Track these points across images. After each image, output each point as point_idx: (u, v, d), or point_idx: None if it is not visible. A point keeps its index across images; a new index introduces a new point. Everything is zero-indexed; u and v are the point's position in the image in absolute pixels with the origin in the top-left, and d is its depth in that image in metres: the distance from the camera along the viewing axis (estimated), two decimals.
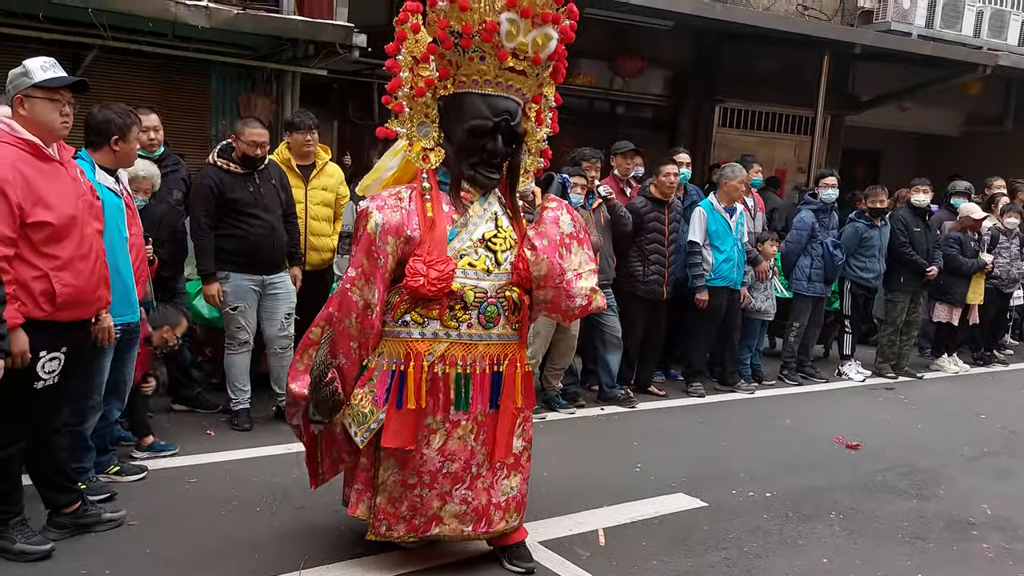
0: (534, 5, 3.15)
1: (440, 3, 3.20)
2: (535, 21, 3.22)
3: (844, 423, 6.61)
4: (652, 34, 10.68)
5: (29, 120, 3.47)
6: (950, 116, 14.94)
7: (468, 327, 3.26)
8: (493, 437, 3.31)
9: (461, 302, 3.23)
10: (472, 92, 3.28)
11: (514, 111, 3.27)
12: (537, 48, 3.23)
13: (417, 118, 3.38)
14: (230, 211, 5.38)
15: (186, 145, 7.84)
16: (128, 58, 7.53)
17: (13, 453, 3.52)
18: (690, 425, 6.36)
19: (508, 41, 3.18)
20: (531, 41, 3.21)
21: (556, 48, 3.28)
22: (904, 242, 8.22)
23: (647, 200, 6.88)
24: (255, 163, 5.39)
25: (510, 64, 3.26)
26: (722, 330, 7.37)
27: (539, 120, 3.52)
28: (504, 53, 3.20)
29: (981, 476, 5.59)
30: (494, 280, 3.29)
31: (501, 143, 3.27)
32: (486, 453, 3.34)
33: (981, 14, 12.94)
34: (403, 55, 3.35)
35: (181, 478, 4.60)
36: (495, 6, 3.15)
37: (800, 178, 12.70)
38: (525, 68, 3.27)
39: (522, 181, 3.51)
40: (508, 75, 3.27)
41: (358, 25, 7.44)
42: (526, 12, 3.15)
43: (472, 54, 3.23)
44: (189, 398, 5.81)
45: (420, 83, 3.33)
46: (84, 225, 3.56)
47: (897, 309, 8.38)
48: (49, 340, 3.46)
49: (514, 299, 3.32)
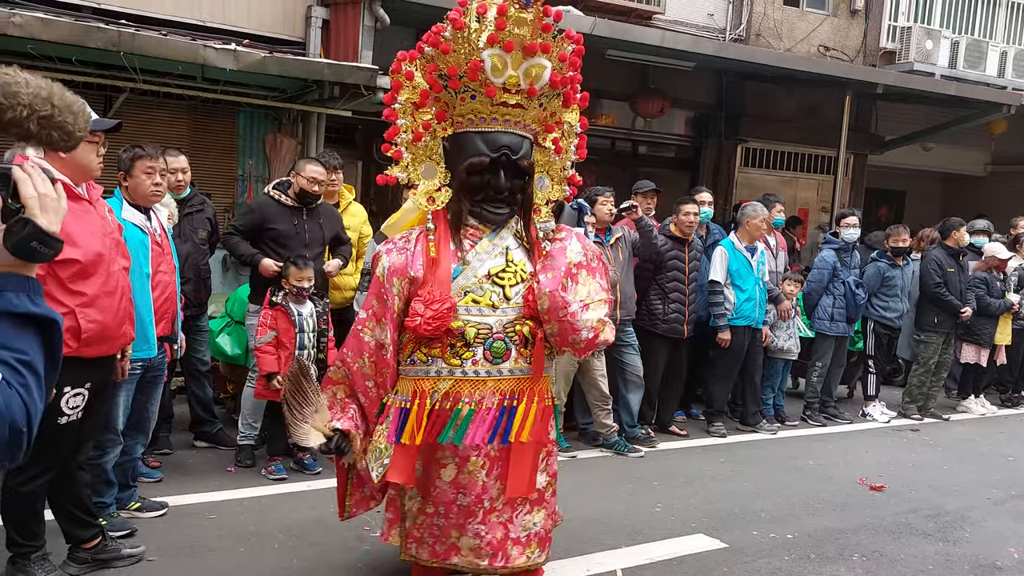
0: (518, 38, 3.12)
1: (426, 49, 3.26)
2: (524, 53, 3.19)
3: (868, 464, 6.53)
4: (674, 75, 10.78)
5: (68, 162, 3.55)
6: (975, 156, 14.89)
7: (473, 364, 3.24)
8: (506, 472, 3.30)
9: (462, 339, 3.22)
10: (470, 131, 3.28)
11: (515, 145, 3.25)
12: (530, 79, 3.19)
13: (420, 161, 3.44)
14: (268, 239, 5.52)
15: (213, 184, 8.00)
16: (158, 100, 7.73)
17: (36, 488, 3.56)
18: (711, 465, 6.30)
19: (496, 77, 3.17)
20: (522, 73, 3.17)
21: (553, 77, 3.24)
22: (939, 282, 8.13)
23: (667, 239, 6.90)
24: (309, 200, 5.57)
25: (502, 99, 3.25)
26: (744, 370, 7.33)
27: (558, 148, 3.49)
28: (492, 89, 3.19)
29: (1008, 519, 5.49)
30: (500, 315, 3.26)
31: (503, 178, 3.25)
32: (500, 488, 3.32)
33: (1005, 54, 12.96)
34: (400, 103, 3.41)
35: (201, 514, 4.63)
36: (477, 44, 3.18)
37: (823, 218, 12.68)
38: (520, 101, 3.22)
39: (544, 212, 3.49)
40: (503, 110, 3.25)
41: (382, 67, 7.58)
42: (509, 46, 3.12)
43: (463, 94, 3.25)
44: (210, 434, 5.86)
45: (418, 127, 3.38)
46: (111, 262, 3.64)
47: (930, 350, 8.28)
48: (74, 376, 3.52)
49: (525, 333, 3.29)
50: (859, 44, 12.71)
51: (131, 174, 4.27)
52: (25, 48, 6.56)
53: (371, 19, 7.88)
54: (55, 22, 6.36)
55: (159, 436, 5.40)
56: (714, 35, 11.52)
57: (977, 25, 13.22)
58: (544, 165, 3.52)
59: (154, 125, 7.81)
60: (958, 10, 13.05)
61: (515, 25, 3.11)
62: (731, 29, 11.77)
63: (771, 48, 11.75)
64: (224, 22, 7.81)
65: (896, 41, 12.55)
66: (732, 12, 11.80)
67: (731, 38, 11.67)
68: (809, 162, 13.09)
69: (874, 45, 12.71)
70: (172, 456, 5.54)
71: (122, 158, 4.30)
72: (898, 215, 15.47)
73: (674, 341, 6.94)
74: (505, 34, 3.12)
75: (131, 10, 7.37)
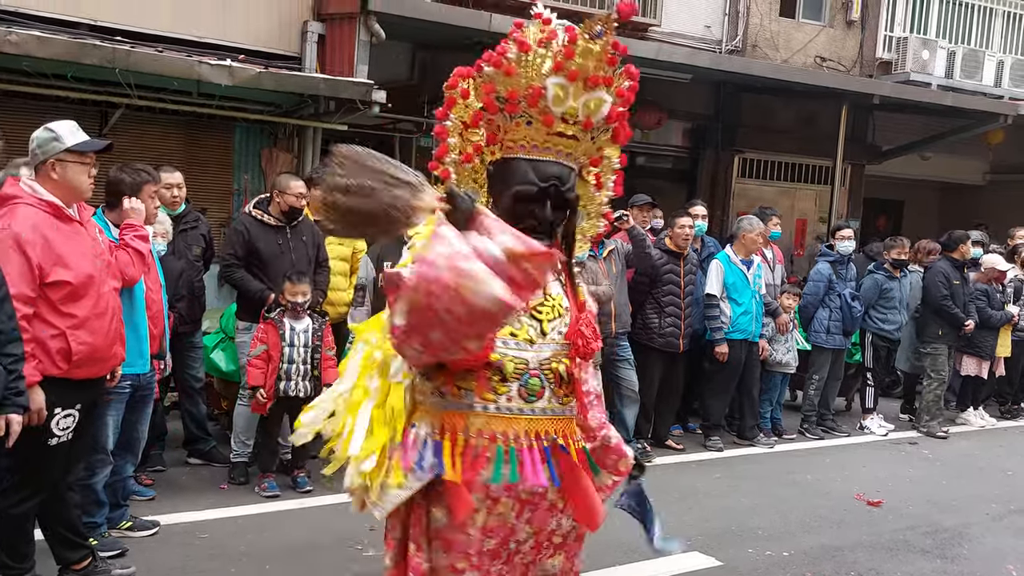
0: (583, 68, 2.97)
1: (486, 68, 3.16)
2: (587, 85, 3.11)
3: (866, 479, 6.50)
4: (671, 86, 10.77)
5: (60, 183, 3.55)
6: (973, 165, 14.89)
7: (508, 400, 3.10)
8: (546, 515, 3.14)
9: (500, 373, 3.08)
10: (520, 158, 3.09)
11: (564, 176, 3.08)
12: (589, 112, 3.01)
13: (465, 184, 3.34)
14: (253, 261, 5.51)
15: (209, 200, 8.00)
16: (153, 116, 7.73)
17: (26, 510, 3.55)
18: (707, 480, 6.28)
19: (556, 106, 3.05)
20: (582, 105, 3.00)
21: (611, 111, 3.04)
22: (946, 295, 8.08)
23: (662, 252, 6.89)
24: (294, 217, 5.55)
25: (559, 129, 3.11)
26: (741, 383, 7.31)
27: (599, 184, 3.32)
28: (551, 118, 3.07)
29: (1007, 535, 5.46)
30: (537, 351, 3.10)
31: (549, 209, 3.08)
32: (530, 532, 3.17)
33: (1002, 64, 12.96)
34: (452, 121, 3.30)
35: (193, 532, 4.61)
36: (541, 70, 3.09)
37: (821, 228, 12.67)
38: (576, 132, 3.05)
39: (579, 246, 3.31)
40: (557, 140, 3.09)
41: (378, 82, 7.59)
42: (573, 75, 2.95)
43: (519, 119, 3.11)
44: (204, 451, 5.84)
45: (468, 148, 3.27)
46: (101, 284, 3.63)
47: (940, 362, 8.23)
48: (64, 397, 3.51)
49: (560, 372, 3.15)
50: (855, 55, 12.72)
51: (138, 198, 4.27)
52: (21, 65, 6.58)
53: (367, 34, 7.88)
54: (51, 40, 6.36)
55: (152, 453, 5.39)
56: (711, 47, 11.53)
57: (973, 35, 13.22)
58: (585, 199, 3.35)
59: (149, 141, 7.80)
60: (954, 20, 13.06)
61: (582, 55, 2.97)
62: (728, 40, 11.77)
63: (768, 59, 11.76)
64: (220, 37, 7.82)
65: (892, 51, 12.56)
66: (728, 24, 11.81)
67: (727, 49, 11.68)
68: (807, 173, 13.08)
69: (870, 55, 12.72)
70: (165, 473, 5.52)
71: (126, 181, 4.28)
72: (896, 225, 15.46)
73: (670, 355, 6.92)
74: (571, 63, 2.98)
75: (127, 26, 7.37)
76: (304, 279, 5.34)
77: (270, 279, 5.53)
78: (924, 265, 8.58)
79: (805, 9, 12.49)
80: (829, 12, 12.56)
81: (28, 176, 3.66)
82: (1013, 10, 13.55)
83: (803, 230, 13.11)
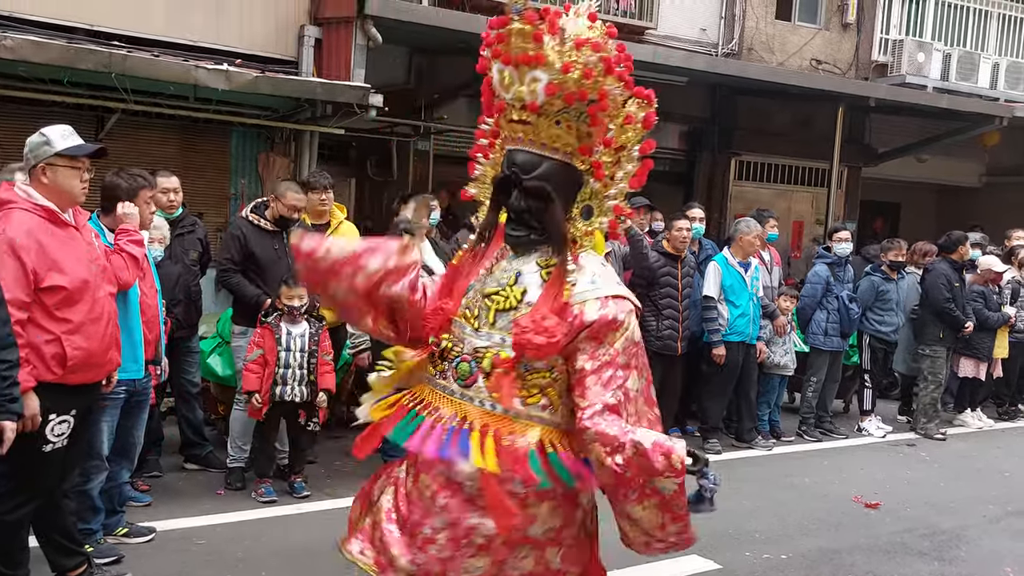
0: (510, 50, 2.90)
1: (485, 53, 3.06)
2: (518, 65, 2.89)
3: (863, 481, 6.50)
4: (667, 89, 10.74)
5: (51, 187, 3.54)
6: (969, 167, 14.90)
7: (443, 377, 3.10)
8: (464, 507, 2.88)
9: (439, 349, 3.10)
10: (508, 148, 3.05)
11: (527, 163, 2.97)
12: (532, 96, 2.92)
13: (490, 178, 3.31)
14: (249, 266, 5.50)
15: (205, 204, 7.98)
16: (150, 120, 7.71)
17: (21, 516, 3.54)
18: None
19: (505, 92, 3.04)
20: (527, 87, 2.91)
21: (550, 89, 2.87)
22: (948, 297, 8.07)
23: (660, 255, 6.89)
24: (288, 224, 5.53)
25: (513, 116, 3.11)
26: (738, 386, 7.31)
27: (598, 174, 3.08)
28: (501, 104, 3.04)
29: (1004, 537, 5.46)
30: (476, 338, 3.07)
31: (515, 198, 2.98)
32: (444, 522, 2.87)
33: (997, 66, 12.99)
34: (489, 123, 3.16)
35: (190, 539, 4.59)
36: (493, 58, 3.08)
37: (818, 230, 12.68)
38: (525, 117, 2.97)
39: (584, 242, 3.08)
40: (515, 127, 2.99)
41: (375, 85, 7.59)
42: (506, 59, 2.90)
43: None
44: (200, 457, 5.82)
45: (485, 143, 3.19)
46: (96, 289, 3.62)
47: (938, 364, 8.22)
48: (59, 403, 3.50)
49: (485, 366, 2.89)
50: (851, 57, 12.74)
51: (134, 203, 4.26)
52: (16, 70, 6.56)
53: (364, 38, 7.88)
54: (47, 44, 6.35)
55: (148, 459, 5.37)
56: (707, 50, 11.54)
57: (969, 37, 13.25)
58: (588, 192, 3.13)
59: (146, 145, 7.79)
60: (950, 23, 13.08)
61: (517, 37, 2.89)
62: (724, 44, 11.79)
63: (764, 62, 11.78)
64: (216, 42, 7.81)
65: (888, 54, 12.59)
66: (724, 27, 11.83)
67: (724, 52, 11.70)
68: (803, 175, 13.09)
69: (866, 58, 12.74)
70: (162, 479, 5.50)
71: (122, 186, 4.27)
72: (893, 227, 15.47)
73: (668, 358, 6.91)
74: (503, 46, 2.91)
75: (123, 31, 7.36)
76: (300, 283, 5.33)
77: (266, 284, 5.52)
78: (922, 267, 8.59)
79: (801, 12, 12.51)
80: (825, 15, 12.58)
81: (23, 181, 3.65)
82: (1008, 12, 13.58)
83: (800, 232, 13.12)
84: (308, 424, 5.38)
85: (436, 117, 9.86)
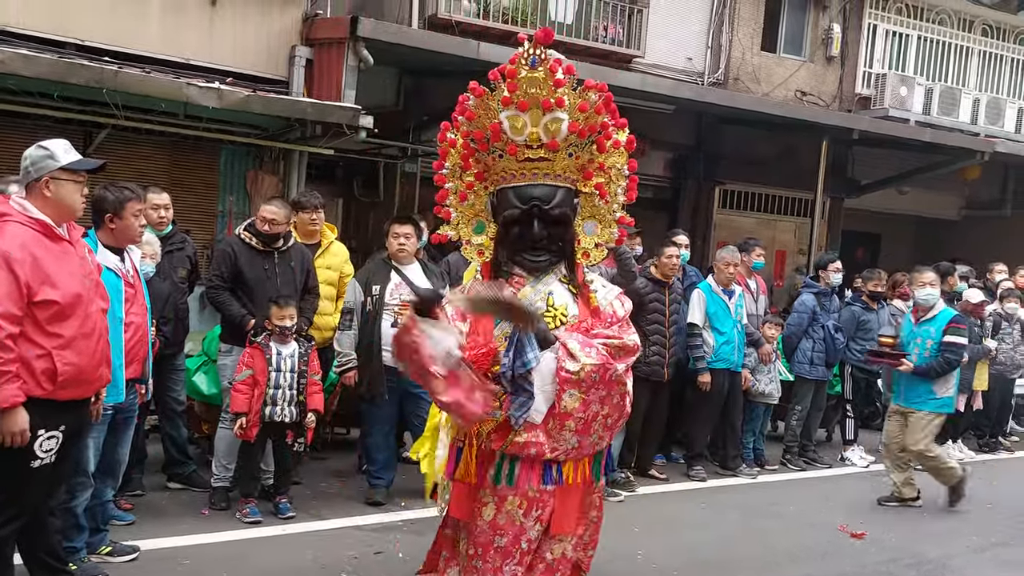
0: (531, 97, 3.27)
1: (459, 119, 3.45)
2: (543, 110, 3.30)
3: (848, 510, 6.51)
4: (653, 116, 10.88)
5: (53, 201, 3.52)
6: (949, 200, 15.13)
7: None
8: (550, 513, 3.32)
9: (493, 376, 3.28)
10: (505, 187, 3.41)
11: (546, 195, 3.38)
12: (551, 133, 3.31)
13: (469, 219, 3.61)
14: (239, 283, 5.47)
15: (193, 221, 7.95)
16: (139, 136, 7.69)
17: (8, 533, 3.48)
18: (691, 510, 6.27)
19: (516, 136, 3.37)
20: (542, 129, 3.31)
21: (572, 127, 3.32)
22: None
23: (648, 281, 6.91)
24: (271, 240, 5.49)
25: (526, 155, 3.37)
26: (723, 413, 7.32)
27: (602, 193, 3.57)
28: (513, 148, 3.39)
29: (989, 567, 5.49)
30: None
31: (537, 227, 3.35)
32: (540, 530, 3.35)
33: (978, 102, 13.25)
34: (448, 167, 3.57)
35: (174, 559, 4.53)
36: (496, 108, 3.33)
37: (800, 259, 12.79)
38: (544, 155, 3.36)
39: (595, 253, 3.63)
40: (530, 164, 3.37)
41: (365, 107, 7.61)
42: (523, 105, 3.29)
43: (493, 155, 3.40)
44: (184, 476, 5.75)
45: (462, 188, 3.54)
46: (89, 304, 3.58)
47: None
48: (48, 419, 3.46)
49: None
50: (835, 90, 12.93)
51: (121, 216, 4.19)
52: (6, 84, 6.53)
53: (355, 59, 7.93)
54: (37, 59, 6.34)
55: (131, 477, 5.29)
56: (693, 79, 11.68)
57: (950, 73, 13.51)
58: (590, 210, 3.62)
59: (135, 161, 7.76)
60: (932, 58, 13.35)
61: (528, 85, 3.27)
62: (710, 73, 11.94)
63: (749, 92, 11.93)
64: (208, 60, 7.82)
65: (871, 87, 12.80)
66: (711, 56, 11.98)
67: (710, 82, 11.84)
68: (787, 205, 13.24)
69: (850, 91, 12.95)
70: (145, 497, 5.42)
71: (108, 199, 4.22)
72: (873, 257, 15.64)
73: (655, 384, 6.91)
74: (518, 95, 3.29)
75: (114, 47, 7.36)
76: (290, 303, 5.30)
77: (254, 303, 5.48)
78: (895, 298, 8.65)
79: (786, 44, 12.71)
80: (809, 47, 12.78)
81: (18, 194, 3.63)
82: (988, 49, 13.87)
83: (783, 261, 13.24)
84: (295, 444, 5.33)
85: (424, 139, 9.91)
